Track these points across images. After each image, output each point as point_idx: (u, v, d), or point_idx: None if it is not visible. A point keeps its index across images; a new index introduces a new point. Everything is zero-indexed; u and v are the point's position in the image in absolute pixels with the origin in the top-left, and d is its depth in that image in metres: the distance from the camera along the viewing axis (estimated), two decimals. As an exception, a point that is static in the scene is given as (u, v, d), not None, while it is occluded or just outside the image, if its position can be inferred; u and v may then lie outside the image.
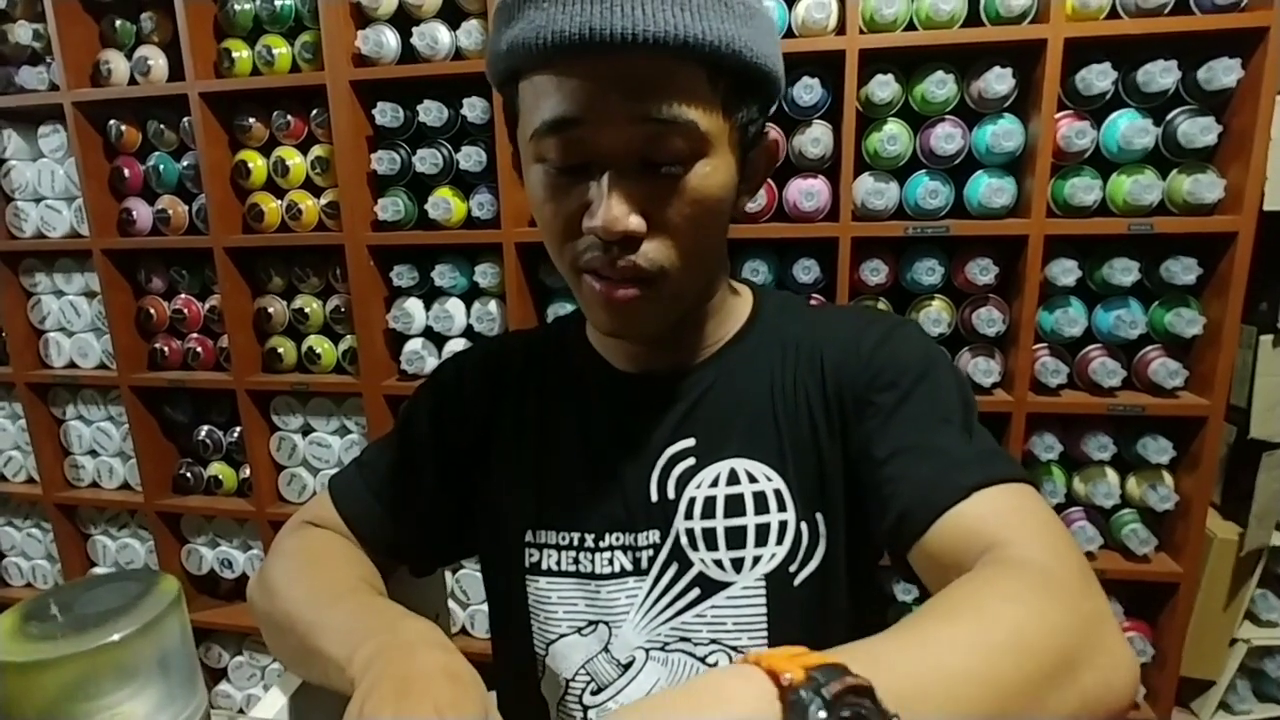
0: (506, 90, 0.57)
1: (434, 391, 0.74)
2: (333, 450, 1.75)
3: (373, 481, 0.72)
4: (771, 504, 0.62)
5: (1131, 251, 1.33)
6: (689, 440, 0.64)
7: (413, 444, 0.73)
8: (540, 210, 0.57)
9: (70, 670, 0.38)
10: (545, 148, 0.53)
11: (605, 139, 0.51)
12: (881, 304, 1.46)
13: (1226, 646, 1.51)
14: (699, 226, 0.55)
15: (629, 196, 0.52)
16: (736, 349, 0.67)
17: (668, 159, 0.52)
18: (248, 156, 1.63)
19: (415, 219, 1.58)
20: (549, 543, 0.66)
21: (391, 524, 0.70)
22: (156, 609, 0.41)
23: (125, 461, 1.90)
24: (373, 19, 1.49)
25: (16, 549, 2.07)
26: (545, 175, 0.55)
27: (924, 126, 1.37)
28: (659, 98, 0.50)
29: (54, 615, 0.41)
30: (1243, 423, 1.41)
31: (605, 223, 0.51)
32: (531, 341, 0.76)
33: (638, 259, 0.54)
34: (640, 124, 0.50)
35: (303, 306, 1.69)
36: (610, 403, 0.68)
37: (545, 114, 0.52)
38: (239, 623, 1.88)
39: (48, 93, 1.67)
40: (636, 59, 0.49)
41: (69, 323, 1.84)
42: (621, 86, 0.50)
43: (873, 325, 0.64)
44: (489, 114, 1.46)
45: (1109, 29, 1.24)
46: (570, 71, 0.50)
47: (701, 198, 0.54)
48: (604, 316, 0.58)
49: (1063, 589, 0.43)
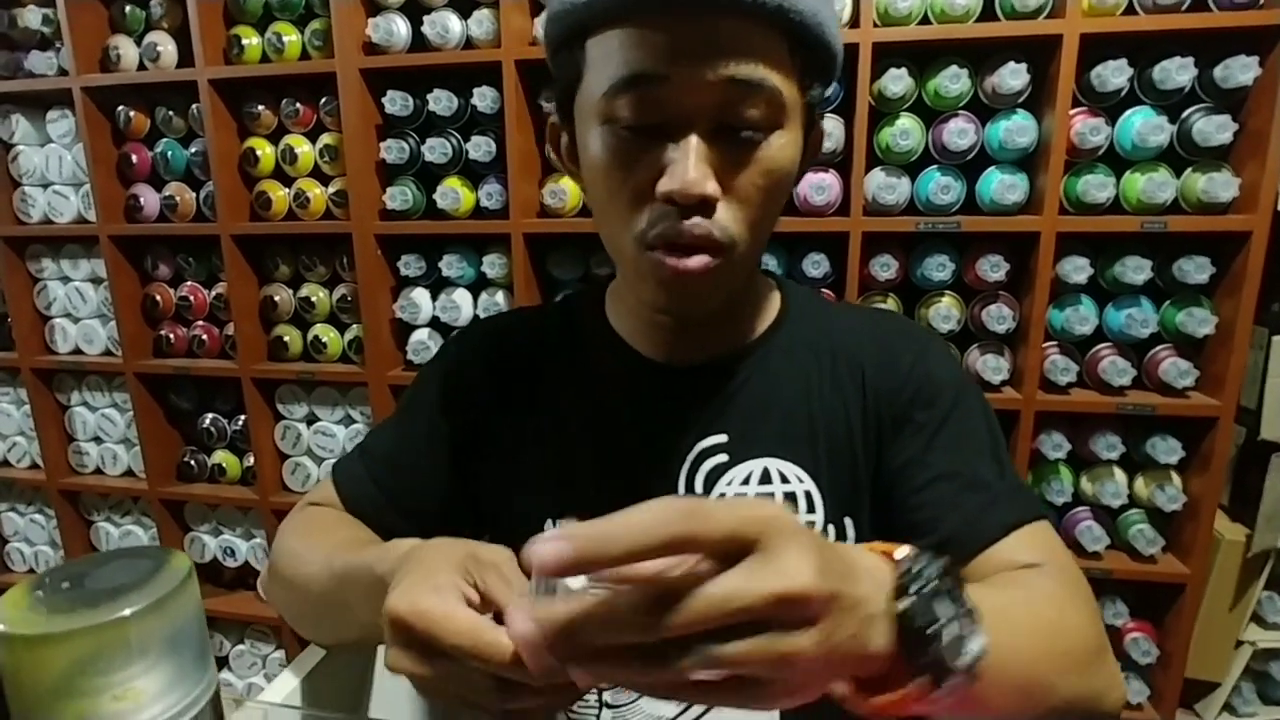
0: (563, 53, 0.55)
1: (436, 375, 0.72)
2: (337, 440, 1.74)
3: (374, 468, 0.70)
4: (802, 505, 0.61)
5: (1144, 250, 1.32)
6: (720, 436, 0.63)
7: (415, 430, 0.70)
8: (604, 177, 0.54)
9: (80, 645, 0.38)
10: (618, 106, 0.50)
11: (687, 98, 0.49)
12: (891, 300, 1.45)
13: (1232, 648, 1.51)
14: (769, 198, 0.54)
15: (707, 160, 0.50)
16: (772, 345, 0.66)
17: (748, 124, 0.50)
18: (256, 144, 1.62)
19: (423, 209, 1.57)
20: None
21: (392, 511, 0.68)
22: (169, 585, 0.40)
23: (129, 448, 1.90)
24: (383, 7, 1.49)
25: (20, 535, 2.07)
26: (614, 137, 0.52)
27: (936, 121, 1.36)
28: (744, 60, 0.48)
29: (64, 589, 0.40)
30: (1252, 424, 1.40)
31: (684, 184, 0.49)
32: (539, 321, 0.73)
33: (712, 226, 0.51)
34: (724, 85, 0.49)
35: (309, 295, 1.68)
36: (636, 392, 0.65)
37: (623, 69, 0.49)
38: (241, 611, 1.88)
39: (56, 78, 1.66)
40: (724, 20, 0.48)
41: (75, 309, 1.84)
42: (707, 45, 0.48)
43: (909, 339, 0.66)
44: (499, 104, 1.45)
45: (1125, 25, 1.23)
46: (652, 26, 0.48)
47: (775, 168, 0.53)
48: (667, 293, 0.55)
49: (1087, 604, 0.52)
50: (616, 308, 0.68)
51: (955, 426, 0.61)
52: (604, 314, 0.69)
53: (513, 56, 1.40)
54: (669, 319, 0.62)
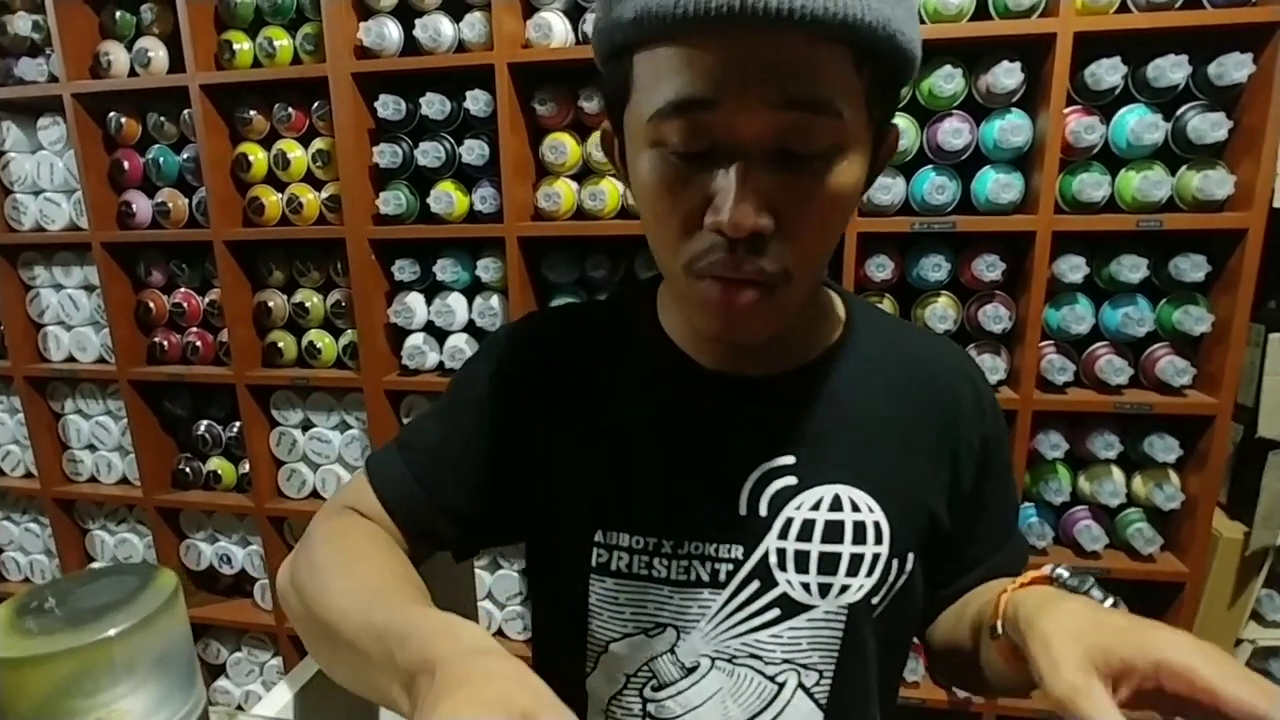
0: (611, 64, 0.51)
1: (482, 373, 0.67)
2: (333, 446, 1.74)
3: (414, 465, 0.66)
4: (869, 536, 0.60)
5: (1140, 248, 1.32)
6: (788, 458, 0.60)
7: (460, 428, 0.66)
8: (653, 203, 0.50)
9: (66, 666, 0.37)
10: (667, 131, 0.47)
11: (739, 125, 0.45)
12: (887, 301, 1.45)
13: (1232, 647, 1.50)
14: (828, 229, 0.51)
15: (759, 191, 0.46)
16: (839, 360, 0.63)
17: (807, 151, 0.46)
18: (248, 149, 1.61)
19: (417, 213, 1.57)
20: (620, 544, 0.61)
21: (432, 510, 0.65)
22: (154, 604, 0.40)
23: (124, 456, 1.89)
24: (375, 11, 1.48)
25: (14, 544, 2.06)
26: (662, 162, 0.48)
27: (931, 121, 1.35)
28: (805, 83, 0.44)
29: (50, 609, 0.39)
30: (1250, 421, 1.40)
31: (733, 218, 0.46)
32: (586, 320, 0.69)
33: (763, 261, 0.48)
34: (781, 110, 0.45)
35: (303, 301, 1.68)
36: (695, 404, 0.62)
37: (670, 93, 0.46)
38: (238, 618, 1.87)
39: (47, 84, 1.66)
40: (782, 38, 0.43)
41: (68, 316, 1.83)
42: (764, 67, 0.44)
43: (980, 375, 0.69)
44: (491, 107, 1.45)
45: (1119, 23, 1.23)
46: (704, 46, 0.44)
47: (835, 197, 0.48)
48: (716, 324, 0.52)
49: None
50: (670, 311, 0.65)
51: (1005, 469, 0.69)
52: (655, 316, 0.65)
53: (505, 59, 1.40)
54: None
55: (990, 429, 0.66)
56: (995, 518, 0.67)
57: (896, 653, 0.67)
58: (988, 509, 0.66)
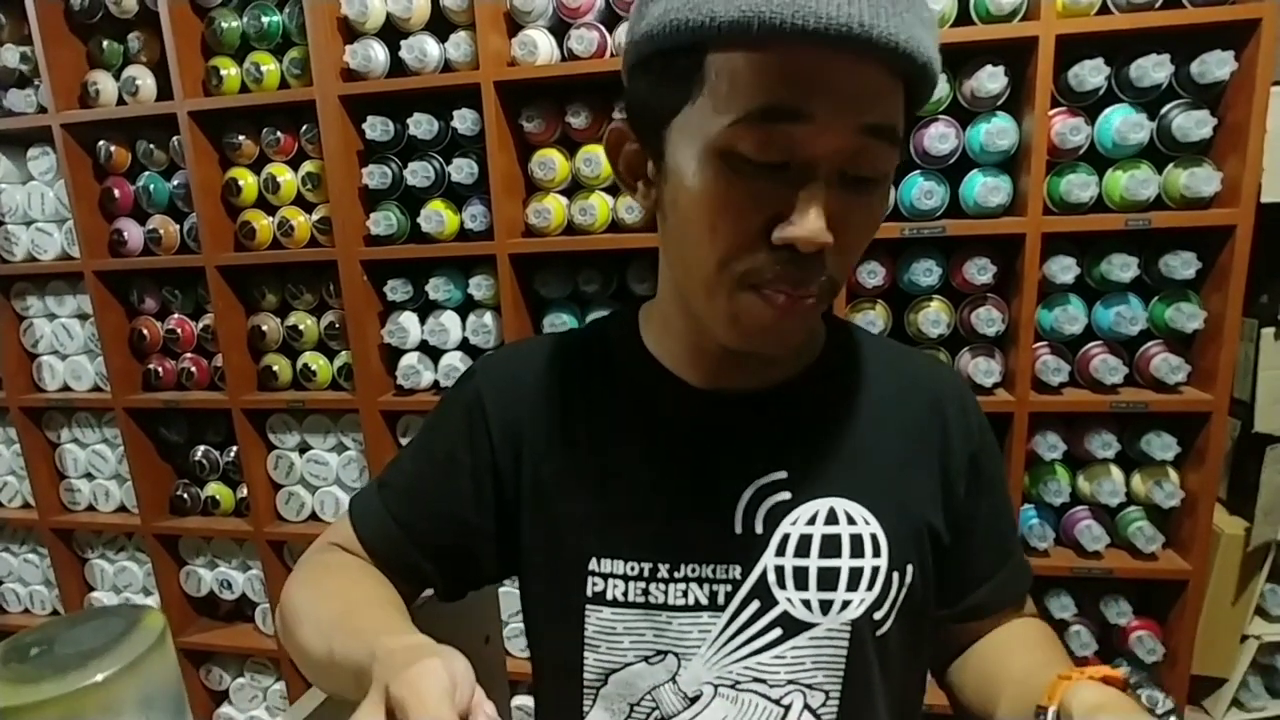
0: (663, 63, 0.49)
1: (458, 404, 0.66)
2: (330, 468, 1.73)
3: (392, 504, 0.66)
4: (867, 548, 0.59)
5: (1130, 247, 1.32)
6: (780, 473, 0.60)
7: (432, 462, 0.66)
8: (706, 211, 0.49)
9: (52, 713, 0.37)
10: (743, 137, 0.46)
11: (822, 142, 0.46)
12: (879, 307, 1.45)
13: (1237, 643, 1.50)
14: (864, 246, 0.53)
15: (830, 210, 0.47)
16: (825, 373, 0.64)
17: (869, 173, 0.48)
18: (238, 174, 1.62)
19: (408, 232, 1.57)
20: (615, 572, 0.60)
21: (413, 549, 0.65)
22: (140, 647, 0.39)
23: (121, 484, 1.88)
24: (361, 33, 1.48)
25: (13, 575, 2.05)
26: (730, 171, 0.47)
27: (917, 127, 1.36)
28: (882, 112, 0.47)
29: (34, 655, 0.39)
30: (1246, 417, 1.40)
31: (811, 234, 0.47)
32: (569, 348, 0.68)
33: (821, 274, 0.50)
34: (859, 135, 0.46)
35: (297, 323, 1.67)
36: (684, 424, 0.62)
37: (762, 99, 0.45)
38: (240, 644, 1.86)
39: (36, 115, 1.66)
40: (869, 66, 0.45)
41: (62, 345, 1.83)
42: (854, 92, 0.45)
43: (968, 393, 0.68)
44: (479, 125, 1.45)
45: (1100, 24, 1.24)
46: (798, 60, 0.44)
47: (878, 217, 0.52)
48: (755, 335, 0.53)
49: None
50: (655, 332, 0.64)
51: (1001, 487, 0.69)
52: (639, 338, 0.65)
53: (491, 78, 1.40)
54: (720, 348, 0.58)
55: (978, 446, 0.65)
56: (993, 534, 0.67)
57: (908, 677, 0.65)
58: (984, 525, 0.66)
